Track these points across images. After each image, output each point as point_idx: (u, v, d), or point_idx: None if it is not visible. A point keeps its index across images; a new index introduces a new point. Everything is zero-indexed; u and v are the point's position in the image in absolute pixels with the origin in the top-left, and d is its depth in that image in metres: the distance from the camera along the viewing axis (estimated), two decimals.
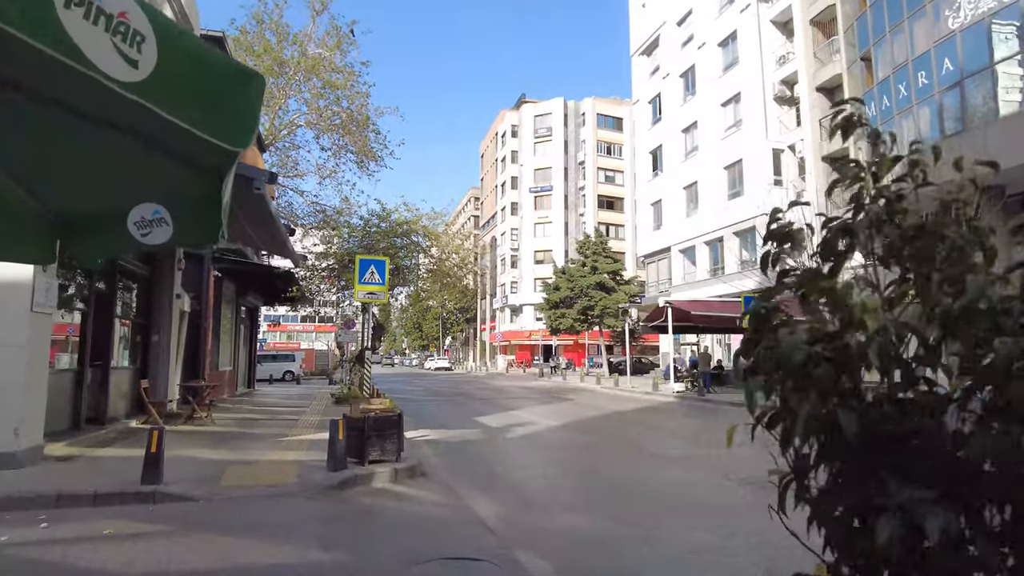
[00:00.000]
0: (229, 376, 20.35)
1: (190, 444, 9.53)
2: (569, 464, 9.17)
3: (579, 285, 35.85)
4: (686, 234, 32.19)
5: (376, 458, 7.80)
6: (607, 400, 21.56)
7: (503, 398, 22.44)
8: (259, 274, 18.22)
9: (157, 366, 12.92)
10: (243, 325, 23.47)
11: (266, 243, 12.48)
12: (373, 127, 24.54)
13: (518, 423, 14.03)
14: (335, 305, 20.29)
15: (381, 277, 14.16)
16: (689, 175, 32.32)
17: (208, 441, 9.93)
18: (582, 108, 65.64)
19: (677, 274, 33.01)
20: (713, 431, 13.13)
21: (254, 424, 12.68)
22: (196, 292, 16.40)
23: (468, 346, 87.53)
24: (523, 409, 17.62)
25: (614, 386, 28.01)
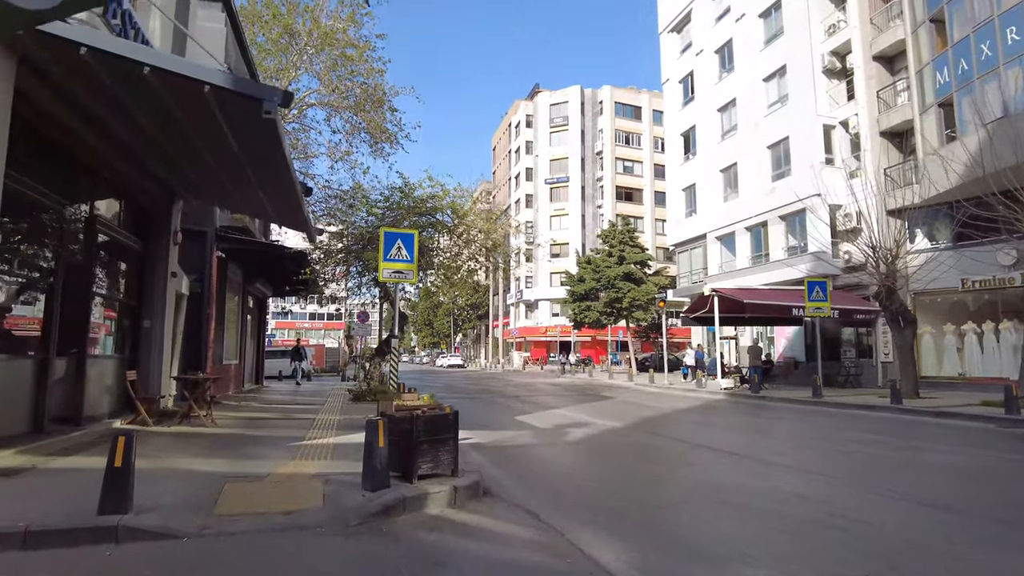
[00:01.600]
0: (235, 371, 18.40)
1: (182, 451, 7.53)
2: (677, 479, 7.09)
3: (605, 276, 33.71)
4: (724, 220, 30.02)
5: (427, 472, 5.77)
6: (651, 398, 19.48)
7: (535, 395, 20.40)
8: (267, 255, 16.25)
9: (149, 356, 10.94)
10: (250, 316, 21.54)
11: (278, 206, 10.48)
12: (389, 105, 22.57)
13: (569, 424, 11.98)
14: (344, 299, 18.22)
15: (409, 253, 12.16)
16: (727, 156, 30.15)
17: (205, 447, 7.93)
18: (599, 96, 63.47)
19: (713, 263, 30.84)
20: (803, 434, 11.05)
21: (263, 424, 10.68)
22: (197, 274, 14.46)
23: (479, 343, 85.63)
24: (565, 408, 15.56)
25: (649, 383, 25.92)
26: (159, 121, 7.60)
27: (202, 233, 14.66)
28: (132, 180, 9.93)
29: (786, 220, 26.42)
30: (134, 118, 7.59)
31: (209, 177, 9.71)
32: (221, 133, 7.11)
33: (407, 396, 9.99)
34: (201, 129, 7.37)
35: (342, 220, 16.53)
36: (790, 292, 22.78)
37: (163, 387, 10.99)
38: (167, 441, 8.32)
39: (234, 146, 7.62)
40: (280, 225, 12.66)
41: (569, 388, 24.66)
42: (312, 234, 11.71)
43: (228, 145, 7.51)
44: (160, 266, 11.26)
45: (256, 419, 11.50)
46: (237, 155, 7.90)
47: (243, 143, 7.49)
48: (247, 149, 7.62)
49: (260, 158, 7.68)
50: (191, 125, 7.34)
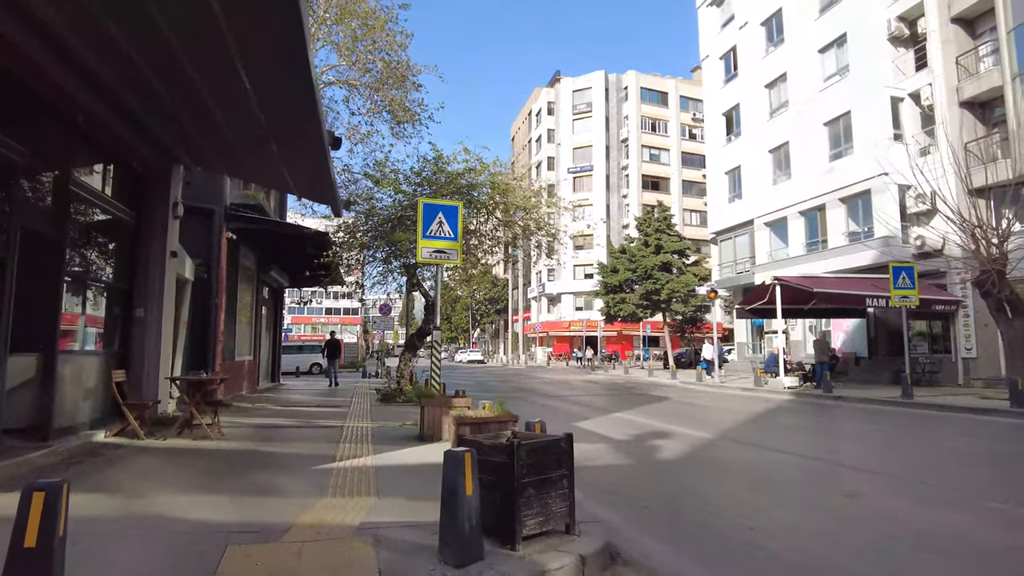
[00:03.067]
0: (249, 367, 16.56)
1: (171, 479, 5.58)
2: (874, 519, 4.99)
3: (641, 266, 31.52)
4: (774, 204, 27.71)
5: (535, 530, 3.75)
6: (711, 398, 17.37)
7: (578, 395, 18.37)
8: (284, 236, 14.33)
9: (143, 351, 9.05)
10: (265, 308, 19.70)
11: (299, 170, 8.52)
12: (413, 83, 20.51)
13: (647, 433, 9.93)
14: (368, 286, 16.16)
15: (452, 228, 10.15)
16: (776, 136, 27.83)
17: (204, 471, 5.99)
18: (624, 82, 61.06)
19: (762, 251, 28.55)
20: (945, 446, 8.92)
21: (280, 436, 8.74)
22: (204, 258, 12.61)
23: (498, 338, 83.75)
24: (624, 411, 13.52)
25: (697, 381, 23.78)
26: (152, 58, 5.69)
27: (209, 211, 12.79)
28: (120, 137, 8.01)
29: (847, 203, 24.10)
30: (120, 52, 5.68)
31: (215, 134, 7.78)
32: (231, 69, 5.24)
33: (458, 401, 8.04)
34: (206, 64, 5.49)
35: (367, 198, 14.53)
36: (860, 280, 20.54)
37: (160, 389, 9.09)
38: (155, 462, 6.39)
39: (246, 83, 5.70)
40: (299, 196, 10.70)
41: (610, 387, 22.59)
42: (338, 206, 9.76)
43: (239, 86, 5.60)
44: (157, 243, 9.36)
45: (272, 427, 9.57)
46: (248, 93, 5.97)
47: (256, 77, 5.57)
48: (261, 84, 5.68)
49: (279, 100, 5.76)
50: (193, 61, 5.46)
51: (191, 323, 12.26)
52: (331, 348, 21.75)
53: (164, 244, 9.41)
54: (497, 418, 5.94)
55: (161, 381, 9.10)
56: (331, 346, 21.84)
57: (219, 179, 12.97)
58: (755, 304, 21.68)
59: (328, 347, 21.93)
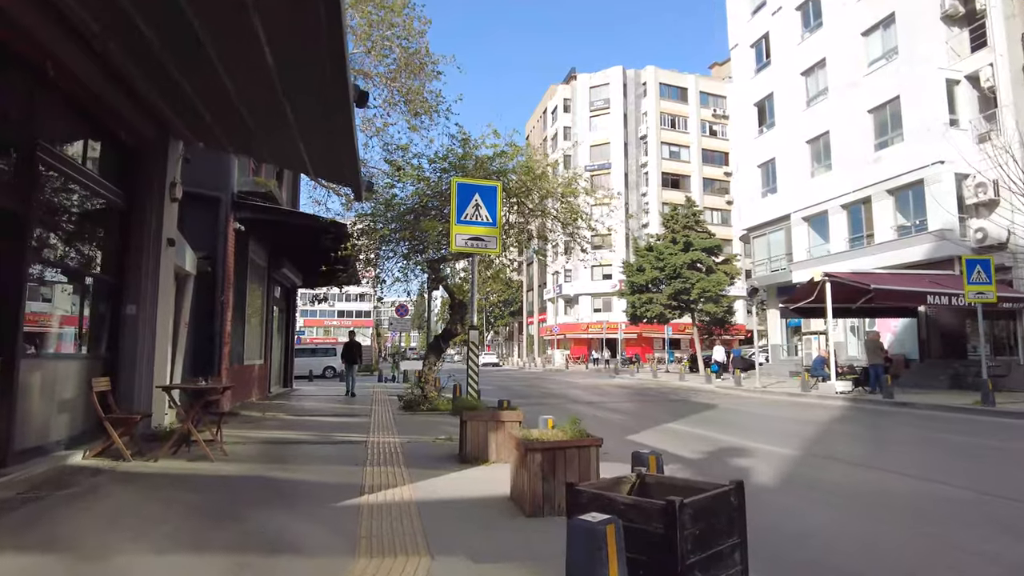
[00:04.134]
0: (259, 372, 15.27)
1: (149, 524, 4.20)
2: None
3: (670, 265, 29.97)
4: (812, 198, 26.10)
5: None
6: (763, 405, 15.87)
7: (613, 402, 16.96)
8: (297, 228, 13.02)
9: (134, 355, 7.73)
10: (277, 308, 18.43)
11: (319, 145, 7.18)
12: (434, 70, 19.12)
13: (721, 450, 8.49)
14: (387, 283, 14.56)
15: (491, 212, 8.80)
16: (815, 125, 26.23)
17: (195, 512, 4.62)
18: (643, 77, 59.54)
19: (799, 247, 26.94)
20: None
21: (293, 455, 7.38)
22: (209, 250, 11.32)
23: (512, 341, 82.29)
24: (675, 422, 12.07)
25: (736, 385, 22.25)
26: None
27: (214, 199, 11.51)
28: (102, 99, 6.70)
29: (895, 195, 22.49)
30: None
31: (220, 98, 6.45)
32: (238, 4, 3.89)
33: (507, 415, 6.64)
34: None
35: (388, 186, 13.18)
36: (917, 276, 18.96)
37: (155, 400, 7.77)
38: (135, 495, 5.04)
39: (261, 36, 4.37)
40: (316, 176, 9.35)
41: (643, 392, 21.13)
42: (360, 187, 8.42)
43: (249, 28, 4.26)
44: (150, 229, 8.04)
45: (283, 443, 8.21)
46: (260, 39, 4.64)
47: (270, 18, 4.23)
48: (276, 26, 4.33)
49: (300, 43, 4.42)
50: None
51: (194, 323, 10.98)
52: (349, 351, 18.53)
53: (159, 230, 8.10)
54: (576, 442, 4.55)
55: (157, 390, 7.78)
56: (349, 349, 18.64)
57: (225, 163, 11.70)
58: (801, 303, 20.14)
59: (346, 350, 18.72)
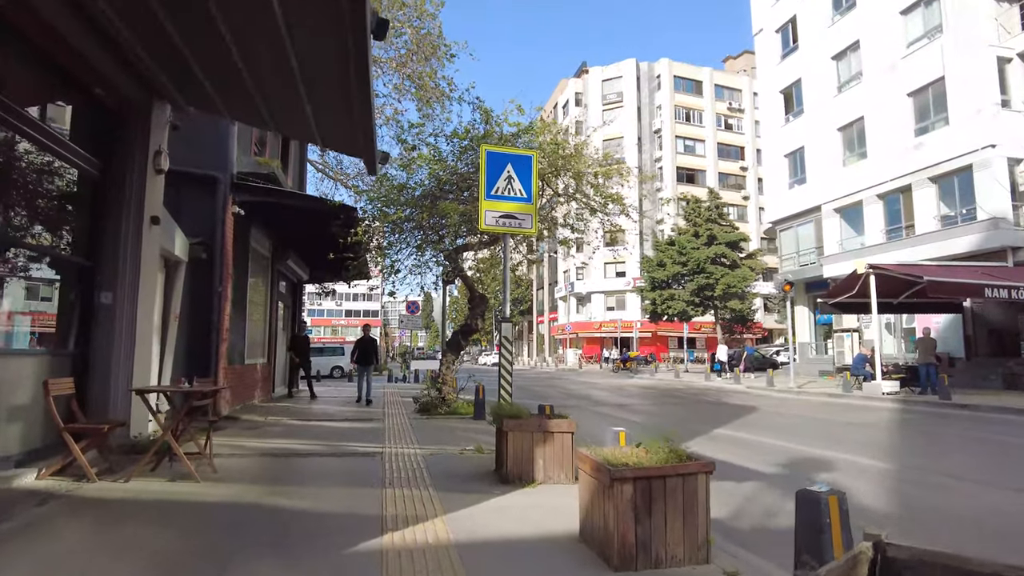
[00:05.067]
0: (262, 373, 14.11)
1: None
2: None
3: (693, 259, 28.61)
4: (845, 188, 24.73)
5: None
6: (806, 407, 14.57)
7: (647, 405, 15.73)
8: (304, 213, 11.82)
9: (109, 351, 6.55)
10: (282, 304, 17.27)
11: (329, 107, 5.98)
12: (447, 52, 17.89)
13: (795, 461, 7.23)
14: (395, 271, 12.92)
15: (526, 185, 7.61)
16: (847, 111, 24.85)
17: (157, 559, 3.40)
18: (656, 70, 58.13)
19: (831, 240, 25.55)
20: None
21: (296, 471, 6.17)
22: (205, 236, 10.17)
23: (521, 340, 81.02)
24: (725, 427, 10.82)
25: (767, 386, 20.94)
26: None
27: (211, 179, 10.34)
28: (78, 53, 5.53)
29: (939, 182, 21.10)
30: None
31: (214, 51, 5.28)
32: None
33: (556, 423, 5.42)
34: None
35: (403, 165, 11.94)
36: (969, 268, 17.59)
37: (135, 405, 6.58)
38: (85, 533, 3.84)
39: None
40: (324, 145, 8.11)
41: (672, 394, 19.87)
42: (375, 157, 7.21)
43: None
44: (130, 205, 6.86)
45: (285, 454, 7.01)
46: None
47: None
48: None
49: None
50: None
51: (187, 317, 9.82)
52: (364, 350, 14.65)
53: (141, 205, 6.92)
54: (679, 468, 3.33)
55: (132, 393, 6.59)
56: (364, 347, 14.69)
57: (223, 140, 10.53)
58: (841, 297, 18.80)
59: (360, 349, 14.74)
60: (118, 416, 6.27)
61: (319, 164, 23.01)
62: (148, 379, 7.08)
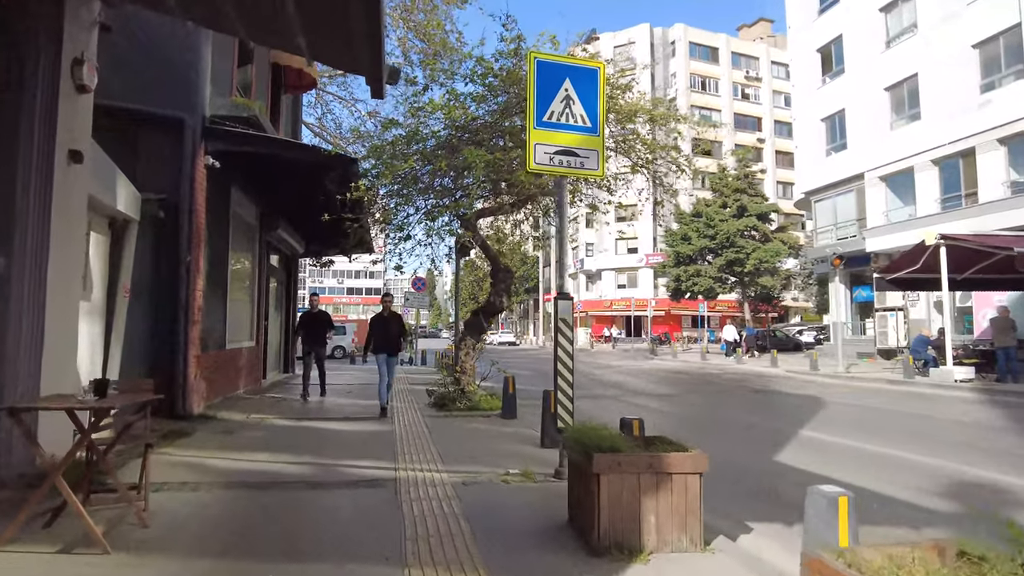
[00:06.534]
0: (249, 358, 12.14)
1: None
2: None
3: (722, 232, 26.47)
4: (892, 153, 22.48)
5: None
6: (878, 397, 12.61)
7: (689, 395, 13.83)
8: (293, 167, 9.72)
9: (3, 339, 4.55)
10: (274, 280, 15.26)
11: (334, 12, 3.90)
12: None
13: (949, 485, 5.25)
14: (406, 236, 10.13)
15: (590, 110, 5.58)
16: (897, 69, 22.51)
17: None
18: (671, 36, 55.36)
19: (875, 211, 23.38)
20: None
21: (270, 522, 4.13)
22: (168, 192, 8.14)
23: (527, 319, 79.09)
24: (807, 428, 8.85)
25: (811, 370, 19.01)
26: None
27: (175, 122, 8.26)
28: None
29: (1008, 144, 18.88)
30: None
31: None
32: None
33: (676, 459, 3.39)
34: None
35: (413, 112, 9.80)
36: None
37: (51, 412, 4.58)
38: None
39: None
40: (313, 56, 5.99)
41: (710, 380, 17.97)
42: (382, 73, 5.16)
43: None
44: (35, 133, 4.80)
45: (257, 487, 5.02)
46: None
47: None
48: None
49: None
50: None
51: (147, 293, 7.82)
52: (386, 332, 9.68)
53: (51, 134, 4.86)
54: None
55: (64, 395, 4.59)
56: (386, 328, 9.72)
57: (191, 71, 8.43)
58: (903, 272, 16.72)
59: (378, 331, 9.67)
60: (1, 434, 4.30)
61: (315, 127, 20.83)
62: (66, 377, 5.09)
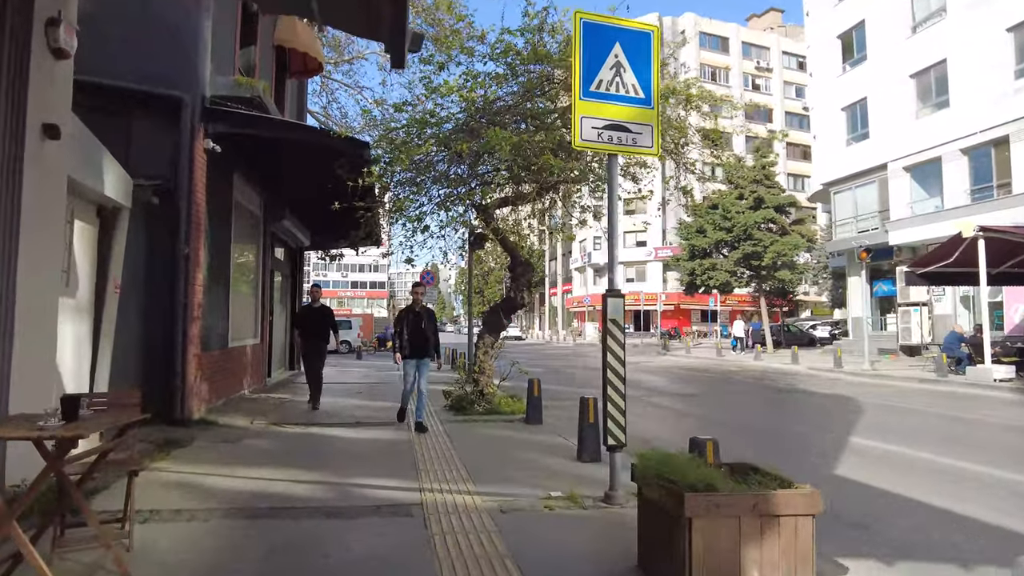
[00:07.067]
0: (254, 356, 11.48)
1: None
2: None
3: (739, 224, 25.70)
4: (919, 143, 21.67)
5: None
6: (919, 398, 11.89)
7: (711, 393, 13.13)
8: (299, 151, 9.02)
9: None
10: (280, 274, 14.59)
11: None
12: None
13: None
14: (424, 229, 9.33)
15: (643, 79, 4.85)
16: (923, 55, 21.67)
17: None
18: (680, 25, 54.20)
19: (899, 203, 22.58)
20: None
21: (276, 569, 3.47)
22: (164, 178, 7.49)
23: (533, 313, 78.46)
24: (855, 434, 8.17)
25: (834, 367, 18.31)
26: None
27: (173, 102, 7.57)
28: None
29: None
30: None
31: None
32: None
33: (786, 499, 2.67)
34: None
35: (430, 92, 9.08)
36: None
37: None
38: None
39: None
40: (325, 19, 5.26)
41: (728, 379, 17.27)
42: (403, 40, 4.49)
43: None
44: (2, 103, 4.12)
45: (257, 516, 4.35)
46: None
47: None
48: None
49: None
50: None
51: (141, 289, 7.17)
52: (416, 330, 7.71)
53: (21, 105, 4.18)
54: None
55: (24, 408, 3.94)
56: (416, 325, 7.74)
57: (189, 46, 7.75)
58: (935, 266, 15.99)
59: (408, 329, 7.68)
60: None
61: (320, 115, 20.13)
62: (43, 386, 4.42)
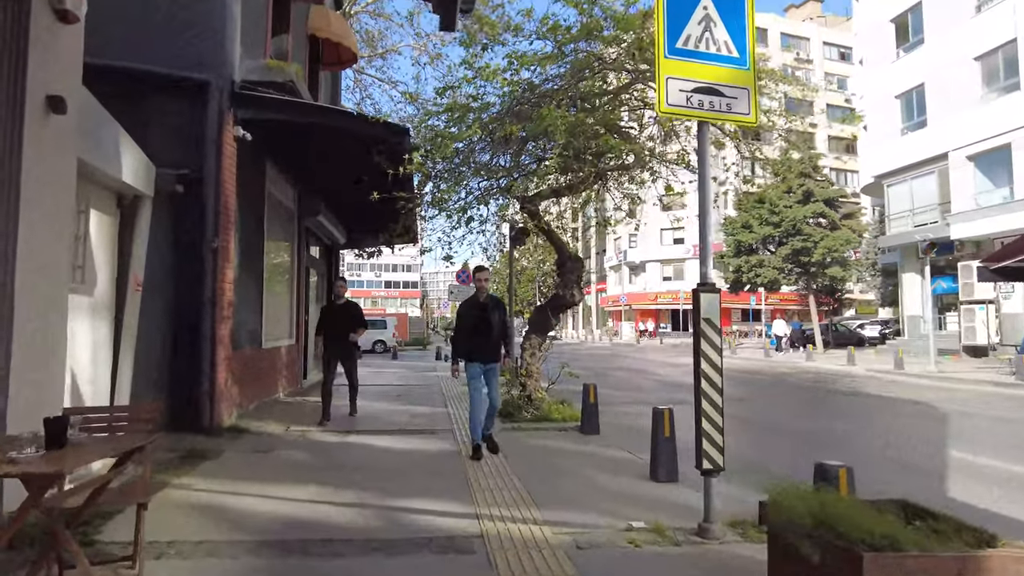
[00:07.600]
0: (289, 357, 11.00)
1: None
2: None
3: (788, 219, 24.52)
4: (985, 130, 20.26)
5: None
6: (988, 401, 10.84)
7: (790, 404, 12.25)
8: (335, 139, 8.46)
9: None
10: (315, 272, 14.13)
11: None
12: None
13: None
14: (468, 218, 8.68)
15: (736, 36, 4.11)
16: (990, 35, 20.27)
17: None
18: None
19: (961, 195, 21.20)
20: None
21: None
22: (191, 167, 6.97)
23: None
24: (959, 448, 7.27)
25: (895, 368, 17.18)
26: None
27: (200, 86, 7.06)
28: None
29: None
30: None
31: None
32: None
33: (999, 563, 1.88)
34: None
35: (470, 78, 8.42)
36: None
37: None
38: None
39: None
40: None
41: (784, 381, 16.31)
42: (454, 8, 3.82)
43: None
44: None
45: (297, 555, 3.74)
46: None
47: None
48: None
49: None
50: None
51: (167, 285, 6.68)
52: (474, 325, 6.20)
53: (20, 76, 3.65)
54: None
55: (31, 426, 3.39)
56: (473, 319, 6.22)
57: (217, 26, 7.24)
58: (1014, 260, 14.76)
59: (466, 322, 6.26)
60: None
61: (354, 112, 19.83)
62: (49, 393, 3.88)
